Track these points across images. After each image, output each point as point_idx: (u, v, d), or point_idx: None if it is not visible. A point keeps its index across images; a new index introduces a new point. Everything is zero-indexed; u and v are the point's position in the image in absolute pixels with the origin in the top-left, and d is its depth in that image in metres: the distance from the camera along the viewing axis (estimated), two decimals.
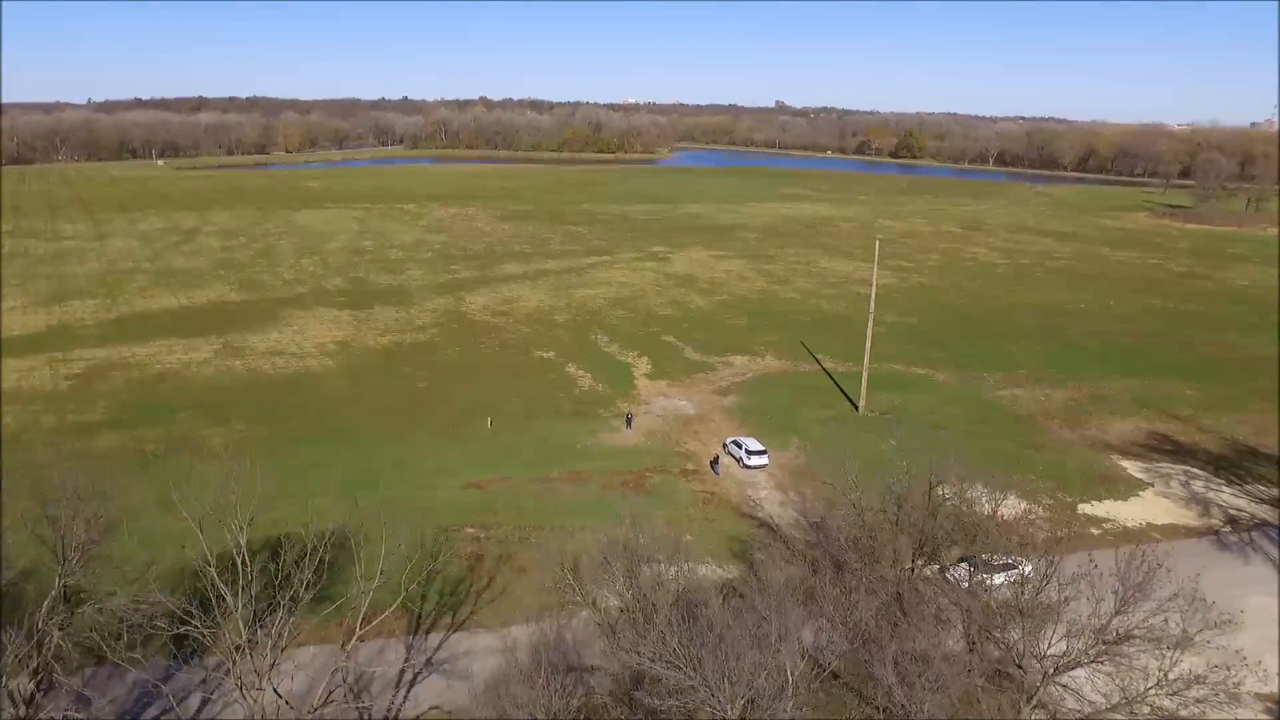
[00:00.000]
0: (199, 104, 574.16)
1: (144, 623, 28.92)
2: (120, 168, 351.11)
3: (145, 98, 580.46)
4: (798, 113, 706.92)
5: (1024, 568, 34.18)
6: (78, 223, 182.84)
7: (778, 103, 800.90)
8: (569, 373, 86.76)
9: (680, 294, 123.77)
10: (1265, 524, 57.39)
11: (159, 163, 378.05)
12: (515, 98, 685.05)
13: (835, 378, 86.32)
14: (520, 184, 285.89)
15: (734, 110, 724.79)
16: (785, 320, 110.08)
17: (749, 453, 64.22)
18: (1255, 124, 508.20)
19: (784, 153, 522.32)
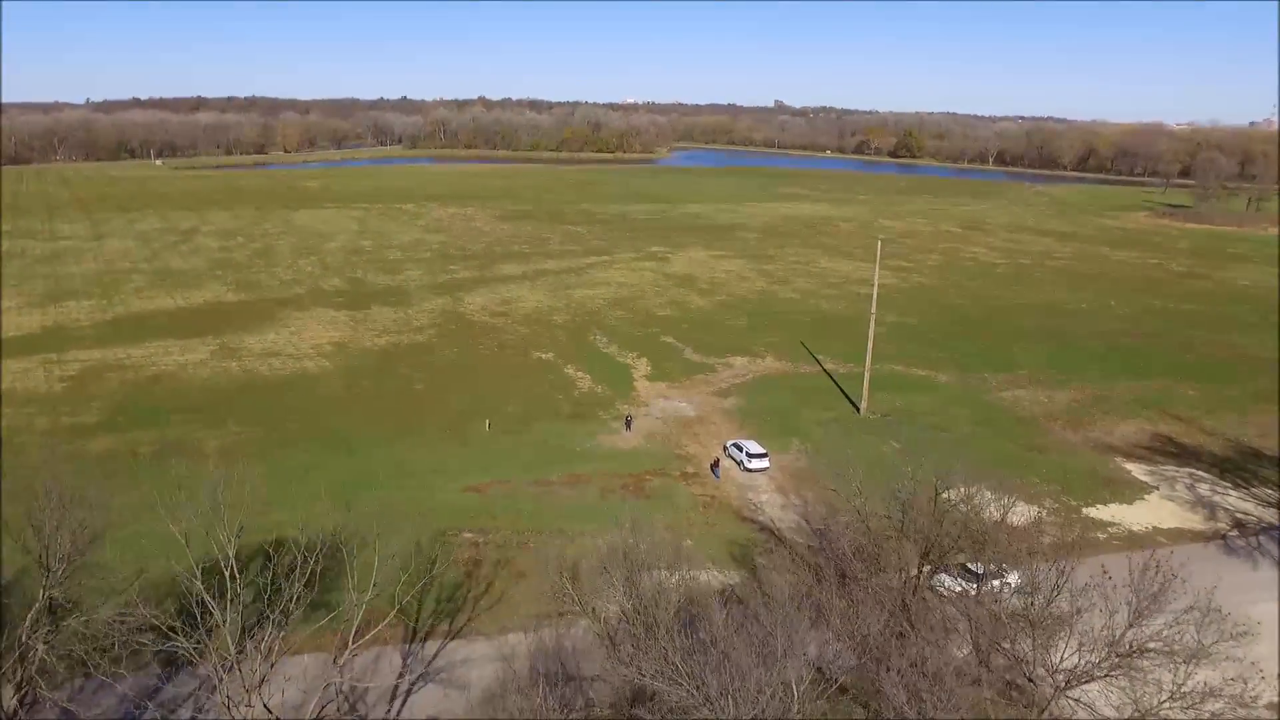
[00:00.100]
0: (197, 104, 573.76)
1: (129, 637, 28.21)
2: (118, 168, 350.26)
3: (144, 97, 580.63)
4: (797, 112, 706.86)
5: (1011, 576, 33.33)
6: (75, 223, 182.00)
7: (777, 102, 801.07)
8: (568, 374, 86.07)
9: (680, 294, 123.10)
10: (1272, 528, 56.73)
11: (157, 163, 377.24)
12: (514, 97, 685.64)
13: (836, 379, 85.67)
14: (519, 184, 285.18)
15: (733, 110, 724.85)
16: (785, 321, 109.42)
17: (750, 456, 63.52)
18: (1254, 123, 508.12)
19: (783, 152, 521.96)
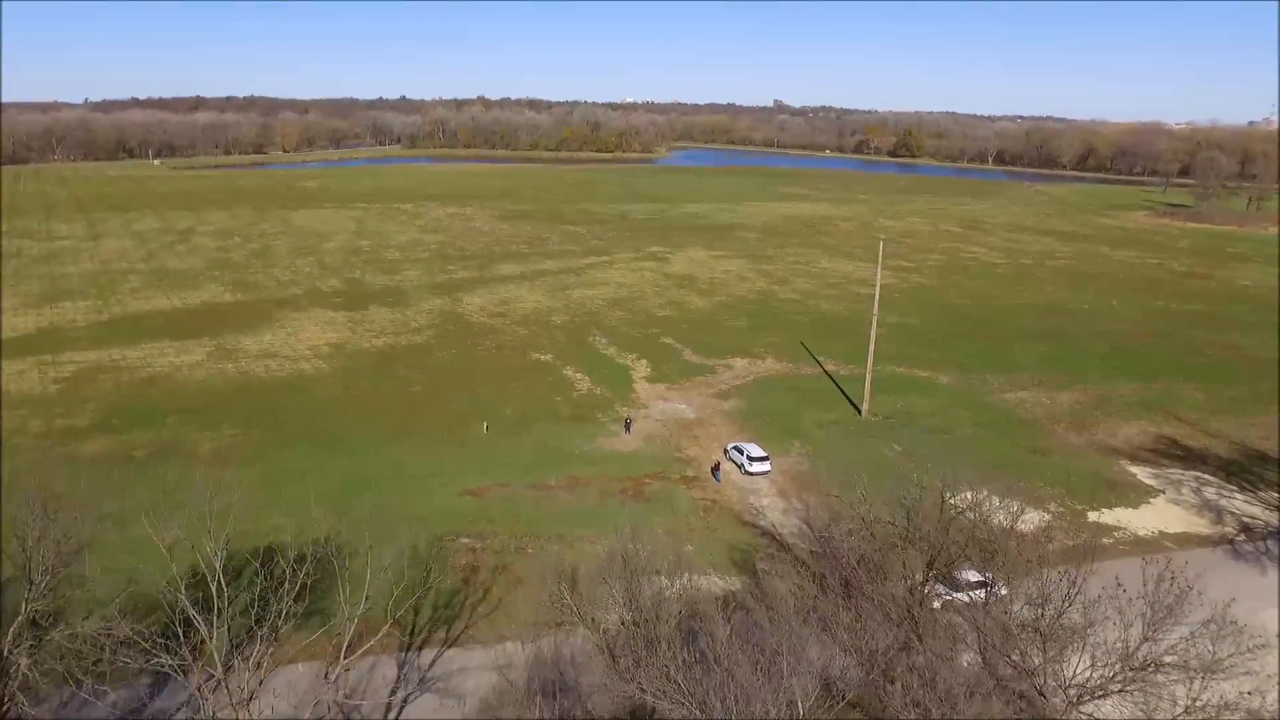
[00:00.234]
0: (196, 103, 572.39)
1: (113, 654, 27.39)
2: (117, 167, 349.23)
3: (142, 97, 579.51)
4: (796, 112, 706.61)
5: (998, 586, 32.56)
6: (72, 223, 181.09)
7: (776, 102, 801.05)
8: (567, 375, 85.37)
9: (679, 294, 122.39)
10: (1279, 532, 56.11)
11: (155, 162, 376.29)
12: (513, 97, 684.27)
13: (837, 380, 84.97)
14: (518, 183, 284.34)
15: (732, 109, 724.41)
16: (785, 321, 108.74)
17: (750, 459, 62.75)
18: (1253, 123, 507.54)
19: (782, 152, 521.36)
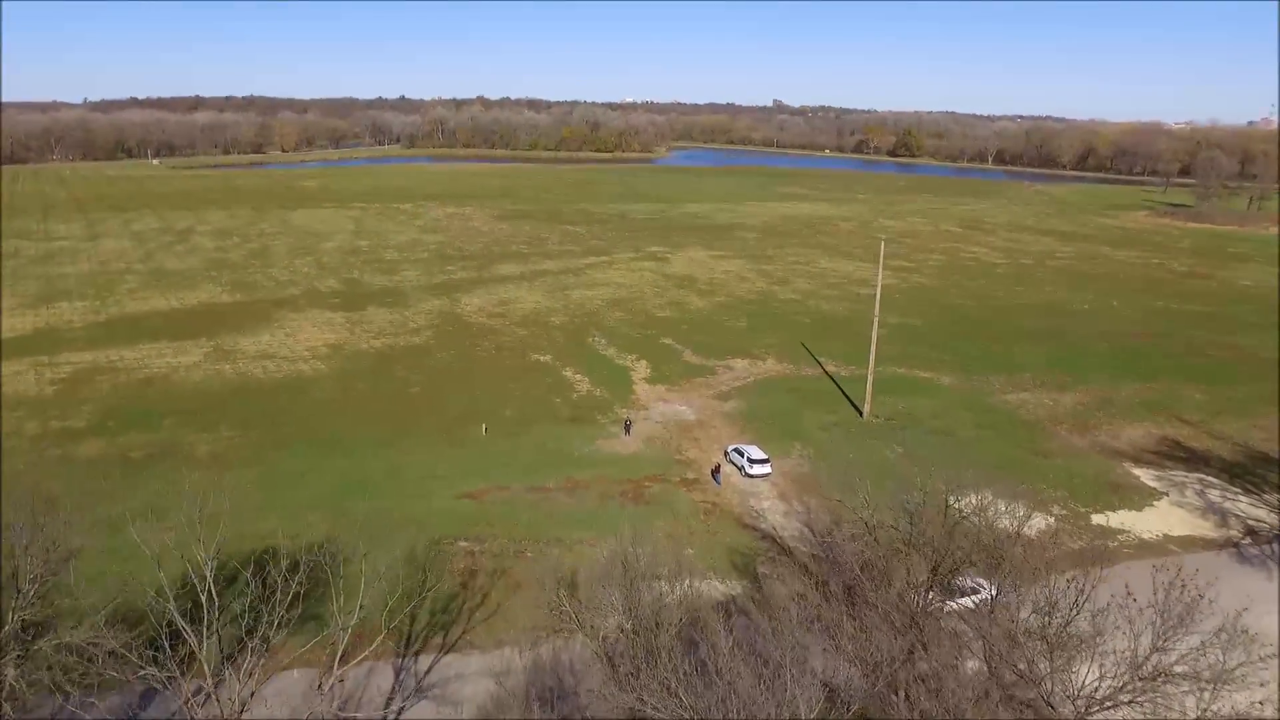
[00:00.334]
0: (195, 103, 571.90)
1: (100, 666, 26.85)
2: (116, 167, 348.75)
3: (142, 97, 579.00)
4: (795, 112, 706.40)
5: (989, 591, 32.07)
6: (70, 223, 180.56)
7: (775, 102, 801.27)
8: (566, 376, 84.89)
9: (679, 295, 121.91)
10: None
11: (154, 162, 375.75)
12: (513, 97, 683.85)
13: (838, 381, 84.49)
14: (517, 183, 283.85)
15: (732, 109, 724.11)
16: (785, 321, 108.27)
17: (751, 461, 62.26)
18: (1252, 123, 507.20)
19: (782, 152, 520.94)
